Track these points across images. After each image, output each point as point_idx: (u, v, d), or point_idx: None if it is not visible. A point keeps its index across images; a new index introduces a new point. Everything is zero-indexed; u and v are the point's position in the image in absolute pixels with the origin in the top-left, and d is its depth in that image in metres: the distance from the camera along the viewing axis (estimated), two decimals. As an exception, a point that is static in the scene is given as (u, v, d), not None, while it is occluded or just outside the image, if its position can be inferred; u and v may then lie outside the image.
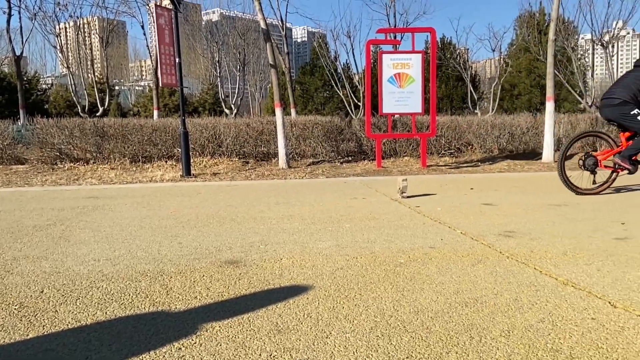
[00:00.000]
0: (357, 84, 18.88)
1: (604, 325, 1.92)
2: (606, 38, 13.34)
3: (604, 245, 3.16)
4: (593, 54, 15.11)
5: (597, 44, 13.60)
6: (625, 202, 4.96)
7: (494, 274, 2.59)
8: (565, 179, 5.45)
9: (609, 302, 2.15)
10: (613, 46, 13.88)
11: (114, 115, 26.38)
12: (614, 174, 5.52)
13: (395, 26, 18.81)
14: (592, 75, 15.31)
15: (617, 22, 13.65)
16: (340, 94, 19.40)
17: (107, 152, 10.14)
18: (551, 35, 10.14)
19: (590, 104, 13.31)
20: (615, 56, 15.00)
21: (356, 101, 18.14)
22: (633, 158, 5.25)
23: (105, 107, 19.08)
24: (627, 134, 5.31)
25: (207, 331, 1.93)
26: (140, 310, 2.17)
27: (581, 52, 17.82)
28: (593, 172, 5.44)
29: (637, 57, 5.93)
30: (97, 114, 16.76)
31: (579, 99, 14.05)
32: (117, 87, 41.12)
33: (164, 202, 5.45)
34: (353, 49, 21.82)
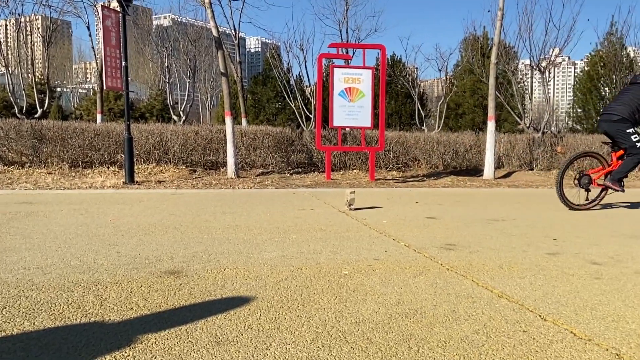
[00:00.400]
0: (309, 96, 19.02)
1: (534, 338, 2.00)
2: (543, 64, 14.16)
3: (537, 259, 3.33)
4: (532, 78, 16.02)
5: (535, 69, 14.40)
6: (558, 218, 5.24)
7: (434, 286, 2.66)
8: (562, 194, 5.78)
9: (540, 316, 2.25)
10: (550, 72, 14.75)
11: (54, 117, 25.12)
12: (604, 192, 5.95)
13: (347, 42, 19.14)
14: (531, 98, 16.22)
15: (553, 50, 14.53)
16: (292, 106, 19.47)
17: (44, 155, 9.64)
18: (493, 58, 10.66)
19: (528, 125, 14.04)
20: (551, 81, 15.96)
21: (308, 113, 18.26)
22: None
23: (45, 109, 18.16)
24: (619, 153, 5.70)
25: (142, 343, 1.85)
26: (71, 321, 2.06)
27: (520, 76, 18.84)
28: (587, 190, 5.83)
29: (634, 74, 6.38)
30: (36, 116, 15.90)
31: (518, 120, 14.80)
32: (59, 89, 39.26)
33: (104, 209, 5.23)
34: (306, 62, 21.93)
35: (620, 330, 2.09)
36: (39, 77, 24.42)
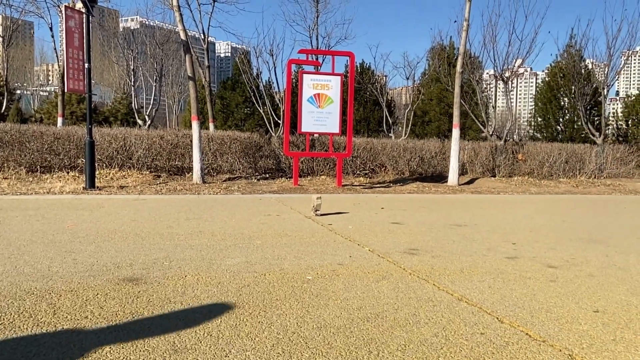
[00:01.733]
0: (278, 102, 18.99)
1: (491, 340, 2.04)
2: (507, 74, 14.57)
3: (496, 263, 3.40)
4: (495, 87, 16.47)
5: (498, 79, 14.80)
6: (519, 223, 5.38)
7: (396, 290, 2.68)
8: None
9: (497, 318, 2.30)
10: (512, 82, 15.19)
11: (12, 120, 24.18)
12: None
13: (317, 48, 19.21)
14: (494, 107, 16.64)
15: (516, 60, 14.96)
16: (261, 111, 19.37)
17: (0, 160, 9.26)
18: (458, 68, 10.91)
19: (491, 132, 14.39)
20: (514, 91, 16.43)
21: (277, 119, 18.22)
22: None
23: (3, 111, 17.49)
24: None
25: (95, 352, 1.79)
26: (22, 330, 1.98)
27: (485, 85, 19.30)
28: None
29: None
30: (-7, 118, 15.32)
31: (482, 127, 15.19)
32: (18, 91, 37.87)
33: (61, 215, 5.06)
34: (275, 67, 21.89)
35: (573, 331, 2.16)
36: (-3, 78, 23.51)
